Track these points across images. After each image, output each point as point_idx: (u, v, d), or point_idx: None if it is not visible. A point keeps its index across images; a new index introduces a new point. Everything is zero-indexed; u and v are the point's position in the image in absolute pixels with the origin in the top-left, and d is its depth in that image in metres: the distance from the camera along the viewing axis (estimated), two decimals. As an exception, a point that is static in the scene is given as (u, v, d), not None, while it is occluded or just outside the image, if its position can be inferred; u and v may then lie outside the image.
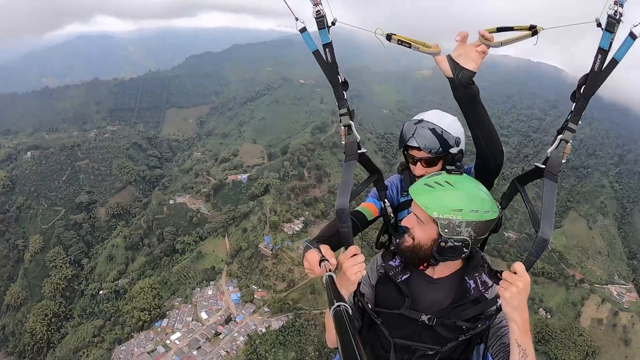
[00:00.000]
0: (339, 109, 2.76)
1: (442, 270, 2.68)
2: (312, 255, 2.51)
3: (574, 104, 2.47)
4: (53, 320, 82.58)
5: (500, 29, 2.34)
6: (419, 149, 3.11)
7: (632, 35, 2.23)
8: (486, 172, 2.94)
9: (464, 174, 2.58)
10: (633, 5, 2.27)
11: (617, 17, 2.19)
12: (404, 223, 2.64)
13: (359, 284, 2.70)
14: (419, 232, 2.53)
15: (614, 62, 2.31)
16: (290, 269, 79.36)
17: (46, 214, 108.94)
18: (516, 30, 2.33)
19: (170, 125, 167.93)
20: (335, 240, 2.91)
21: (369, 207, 3.46)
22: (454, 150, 3.09)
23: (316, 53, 2.60)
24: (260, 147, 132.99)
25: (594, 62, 2.32)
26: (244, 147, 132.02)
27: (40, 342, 78.46)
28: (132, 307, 74.71)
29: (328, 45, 2.55)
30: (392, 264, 2.81)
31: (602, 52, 2.28)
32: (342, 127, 2.82)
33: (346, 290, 2.51)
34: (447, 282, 2.68)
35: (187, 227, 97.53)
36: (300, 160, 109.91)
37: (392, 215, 3.45)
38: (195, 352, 65.04)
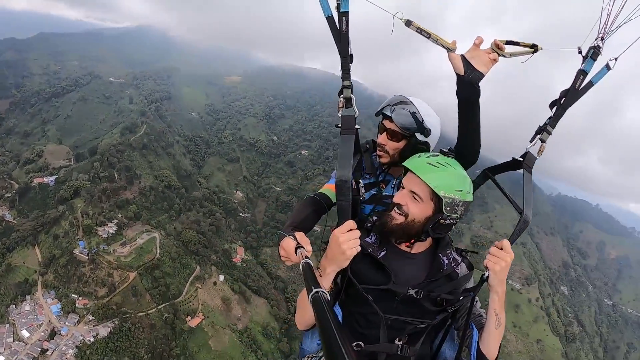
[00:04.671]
0: (343, 81, 2.62)
1: (419, 246, 2.66)
2: (288, 243, 2.37)
3: (554, 110, 2.77)
4: None
5: (508, 42, 2.47)
6: (391, 120, 2.99)
7: (607, 66, 2.70)
8: None
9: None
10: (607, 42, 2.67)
11: (600, 49, 2.62)
12: (396, 200, 2.56)
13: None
14: (414, 208, 2.48)
15: (590, 84, 2.72)
16: (109, 273, 77.41)
17: None
18: (521, 45, 2.50)
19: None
20: (307, 224, 2.86)
21: (332, 188, 3.09)
22: (420, 137, 2.99)
23: (330, 19, 2.42)
24: (66, 148, 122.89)
25: (575, 81, 2.66)
26: (48, 148, 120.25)
27: None
28: (-64, 340, 65.53)
29: (346, 14, 2.40)
30: (368, 241, 2.63)
31: (584, 74, 2.65)
32: (342, 99, 2.68)
33: (337, 266, 2.37)
34: (421, 257, 2.66)
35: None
36: (111, 162, 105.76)
37: (364, 196, 3.14)
38: (24, 374, 60.29)
